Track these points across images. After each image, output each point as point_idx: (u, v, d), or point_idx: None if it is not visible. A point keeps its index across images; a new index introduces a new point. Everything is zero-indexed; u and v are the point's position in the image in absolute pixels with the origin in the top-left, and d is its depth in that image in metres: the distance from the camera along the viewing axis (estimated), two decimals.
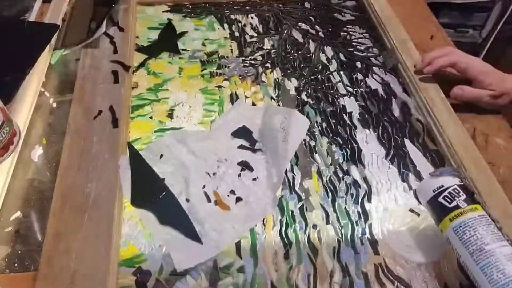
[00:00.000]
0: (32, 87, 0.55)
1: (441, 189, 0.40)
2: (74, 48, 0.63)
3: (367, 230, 0.46)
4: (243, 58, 0.65)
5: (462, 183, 0.41)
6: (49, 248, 0.40)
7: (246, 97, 0.59)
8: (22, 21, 0.65)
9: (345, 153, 0.53)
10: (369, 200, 0.48)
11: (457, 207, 0.39)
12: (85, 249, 0.41)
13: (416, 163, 0.49)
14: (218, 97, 0.59)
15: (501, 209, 0.45)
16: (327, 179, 0.50)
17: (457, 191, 0.40)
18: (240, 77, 0.62)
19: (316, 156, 0.52)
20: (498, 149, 0.54)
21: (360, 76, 0.64)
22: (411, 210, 0.47)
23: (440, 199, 0.40)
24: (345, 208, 0.48)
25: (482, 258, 0.36)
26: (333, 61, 0.66)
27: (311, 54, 0.67)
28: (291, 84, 0.62)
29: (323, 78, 0.63)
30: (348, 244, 0.44)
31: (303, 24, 0.73)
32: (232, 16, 0.73)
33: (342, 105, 0.59)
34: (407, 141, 0.51)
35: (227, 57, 0.65)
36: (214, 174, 0.49)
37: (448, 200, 0.40)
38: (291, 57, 0.67)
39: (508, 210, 0.45)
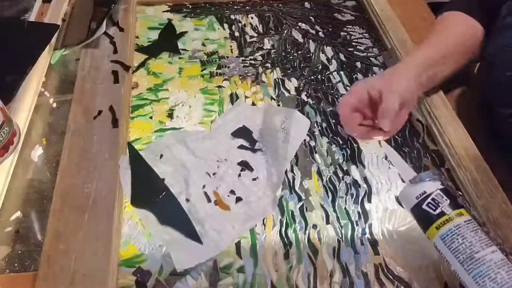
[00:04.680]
0: (32, 87, 0.55)
1: (424, 195, 0.39)
2: (74, 48, 0.63)
3: (367, 230, 0.46)
4: (243, 58, 0.65)
5: (444, 187, 0.39)
6: (49, 248, 0.40)
7: (246, 97, 0.59)
8: (22, 21, 0.65)
9: (345, 153, 0.53)
10: (369, 200, 0.48)
11: (442, 213, 0.38)
12: (85, 249, 0.41)
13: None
14: (218, 97, 0.59)
15: (501, 210, 0.45)
16: (327, 179, 0.50)
17: (440, 196, 0.39)
18: (240, 77, 0.62)
19: (316, 156, 0.52)
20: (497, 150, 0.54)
21: (360, 76, 0.64)
22: None
23: (424, 206, 0.39)
24: (345, 208, 0.48)
25: (473, 267, 0.35)
26: (333, 61, 0.66)
27: (311, 54, 0.67)
28: (291, 84, 0.62)
29: (323, 78, 0.63)
30: (348, 244, 0.44)
31: (303, 24, 0.73)
32: (232, 16, 0.73)
33: None
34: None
35: (227, 57, 0.65)
36: (214, 174, 0.49)
37: (432, 207, 0.38)
38: (291, 57, 0.66)
39: (508, 210, 0.45)
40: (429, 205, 0.39)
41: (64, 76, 0.61)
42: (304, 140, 0.54)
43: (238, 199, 0.47)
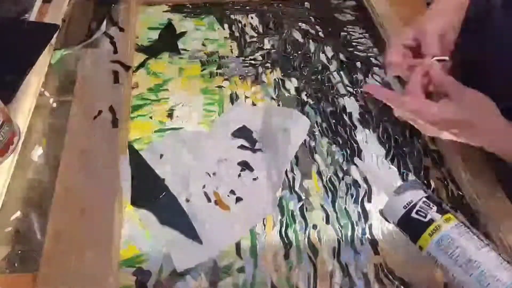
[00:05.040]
0: (32, 87, 0.55)
1: (411, 204, 0.39)
2: (74, 48, 0.63)
3: (367, 230, 0.46)
4: (243, 58, 0.65)
5: (427, 194, 0.40)
6: (49, 248, 0.40)
7: (246, 97, 0.59)
8: (22, 21, 0.65)
9: (345, 153, 0.53)
10: (369, 200, 0.48)
11: (432, 220, 0.38)
12: (85, 249, 0.41)
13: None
14: (218, 97, 0.59)
15: (501, 209, 0.45)
16: (327, 179, 0.50)
17: (427, 204, 0.39)
18: (240, 77, 0.62)
19: (316, 156, 0.52)
20: None
21: (360, 76, 0.64)
22: None
23: (413, 214, 0.39)
24: (345, 208, 0.48)
25: (475, 268, 0.35)
26: (333, 61, 0.66)
27: (311, 54, 0.67)
28: (291, 84, 0.62)
29: (323, 78, 0.63)
30: (348, 244, 0.44)
31: (303, 24, 0.73)
32: (232, 16, 0.73)
33: (342, 105, 0.59)
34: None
35: (227, 57, 0.65)
36: (214, 174, 0.49)
37: (422, 214, 0.38)
38: (291, 57, 0.66)
39: (509, 210, 0.45)
40: (418, 213, 0.39)
41: (64, 76, 0.60)
42: (304, 140, 0.54)
43: (238, 199, 0.47)
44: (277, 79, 0.62)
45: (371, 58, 0.67)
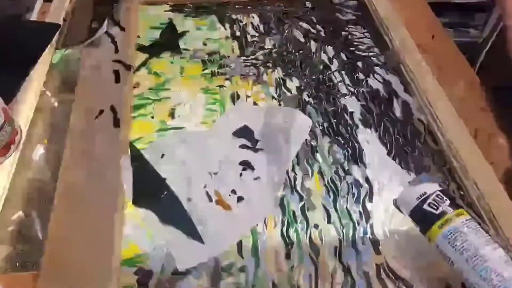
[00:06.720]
0: (33, 86, 0.55)
1: (424, 196, 0.40)
2: (75, 48, 0.63)
3: (368, 230, 0.46)
4: (245, 58, 0.65)
5: (442, 188, 0.41)
6: (50, 248, 0.41)
7: (247, 96, 0.59)
8: (23, 21, 0.65)
9: (346, 153, 0.53)
10: (371, 200, 0.48)
11: (444, 213, 0.39)
12: (86, 248, 0.41)
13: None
14: (220, 96, 0.59)
15: (502, 209, 0.45)
16: (329, 178, 0.50)
17: (440, 197, 0.40)
18: (242, 77, 0.62)
19: (318, 155, 0.52)
20: (500, 149, 0.54)
21: (361, 76, 0.63)
22: None
23: (425, 206, 0.40)
24: (346, 207, 0.47)
25: (479, 263, 0.36)
26: (335, 60, 0.66)
27: (313, 54, 0.67)
28: (293, 84, 0.62)
29: (325, 77, 0.63)
30: (349, 244, 0.44)
31: (304, 23, 0.73)
32: (234, 16, 0.73)
33: (344, 104, 0.59)
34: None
35: (229, 56, 0.65)
36: (215, 173, 0.49)
37: (434, 206, 0.39)
38: (292, 56, 0.66)
39: (510, 209, 0.45)
40: (430, 205, 0.40)
41: (65, 76, 0.60)
42: (306, 139, 0.54)
43: (240, 199, 0.47)
44: (278, 79, 0.62)
45: (372, 58, 0.67)
